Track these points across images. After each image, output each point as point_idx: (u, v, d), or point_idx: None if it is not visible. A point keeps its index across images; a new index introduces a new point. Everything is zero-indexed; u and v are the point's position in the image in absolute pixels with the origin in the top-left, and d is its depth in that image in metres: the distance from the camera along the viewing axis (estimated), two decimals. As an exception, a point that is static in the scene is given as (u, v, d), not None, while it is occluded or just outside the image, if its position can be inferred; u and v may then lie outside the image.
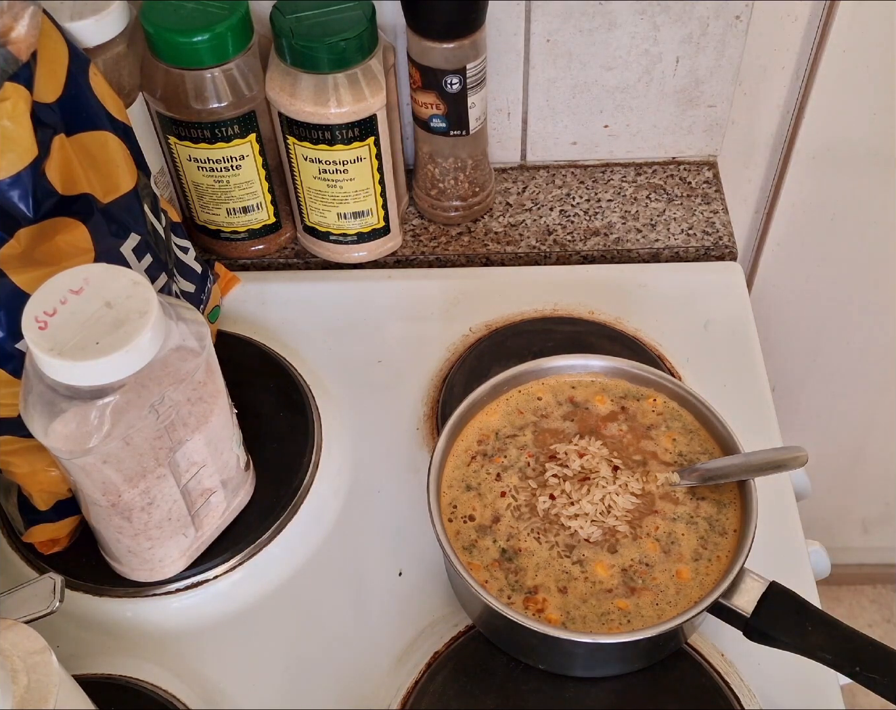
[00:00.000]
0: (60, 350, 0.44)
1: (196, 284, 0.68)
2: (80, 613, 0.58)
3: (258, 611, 0.59)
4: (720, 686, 0.54)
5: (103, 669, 0.56)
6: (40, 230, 0.52)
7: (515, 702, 0.54)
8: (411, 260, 0.80)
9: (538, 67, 0.78)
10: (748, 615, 0.50)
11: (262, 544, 0.61)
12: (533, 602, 0.52)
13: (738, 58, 0.76)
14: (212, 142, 0.70)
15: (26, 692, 0.40)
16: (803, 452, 0.54)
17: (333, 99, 0.67)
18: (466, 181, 0.78)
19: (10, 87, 0.49)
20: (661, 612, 0.51)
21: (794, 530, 0.62)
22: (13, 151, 0.50)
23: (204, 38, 0.65)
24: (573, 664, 0.55)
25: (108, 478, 0.50)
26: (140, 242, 0.58)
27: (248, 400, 0.64)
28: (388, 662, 0.57)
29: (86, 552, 0.60)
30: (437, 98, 0.72)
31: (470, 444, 0.59)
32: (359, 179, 0.72)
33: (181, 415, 0.52)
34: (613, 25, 0.74)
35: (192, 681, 0.56)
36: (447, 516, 0.56)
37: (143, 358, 0.46)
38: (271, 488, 0.63)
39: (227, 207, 0.75)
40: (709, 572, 0.53)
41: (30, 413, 0.48)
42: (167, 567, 0.58)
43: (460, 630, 0.57)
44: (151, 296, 0.47)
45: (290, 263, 0.80)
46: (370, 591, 0.60)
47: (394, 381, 0.71)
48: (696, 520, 0.55)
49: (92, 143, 0.55)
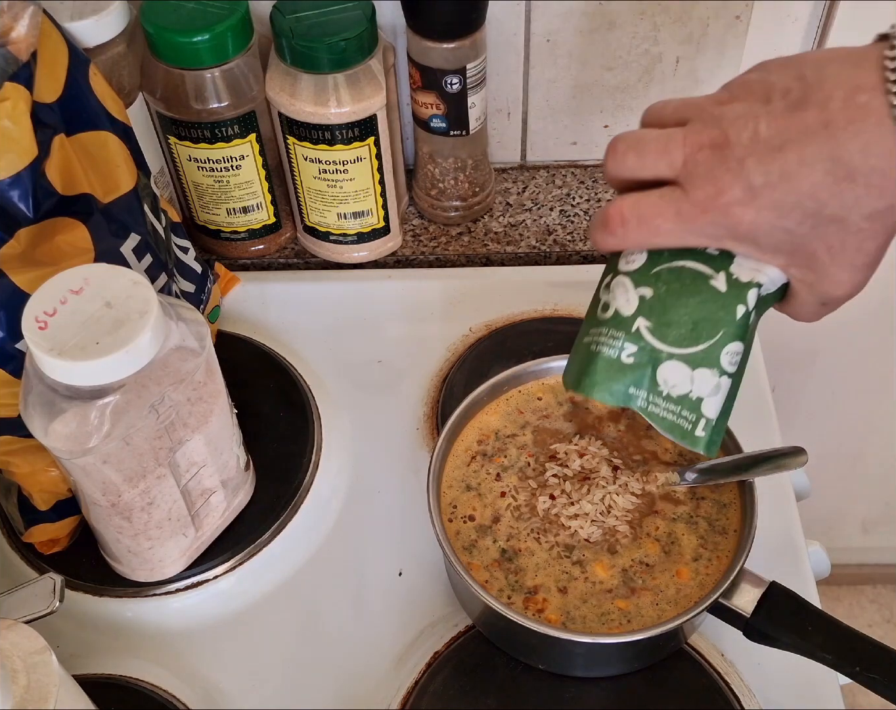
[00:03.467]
0: (60, 350, 0.44)
1: (196, 284, 0.68)
2: (80, 613, 0.58)
3: (258, 611, 0.59)
4: (720, 686, 0.54)
5: (103, 669, 0.56)
6: (40, 230, 0.52)
7: (515, 702, 0.54)
8: (411, 260, 0.80)
9: (538, 67, 0.78)
10: (748, 615, 0.50)
11: (262, 544, 0.61)
12: (533, 602, 0.52)
13: (738, 58, 0.76)
14: (212, 142, 0.70)
15: (26, 692, 0.40)
16: (803, 452, 0.54)
17: (333, 99, 0.67)
18: (466, 181, 0.78)
19: (10, 87, 0.49)
20: (661, 612, 0.51)
21: (794, 530, 0.62)
22: (13, 151, 0.50)
23: (204, 38, 0.65)
24: (573, 664, 0.55)
25: (108, 478, 0.50)
26: (140, 242, 0.58)
27: (248, 400, 0.64)
28: (388, 662, 0.57)
29: (86, 552, 0.60)
30: (437, 98, 0.72)
31: (470, 444, 0.59)
32: (359, 179, 0.72)
33: (181, 415, 0.52)
34: (613, 25, 0.74)
35: (192, 681, 0.56)
36: (447, 516, 0.56)
37: (143, 358, 0.46)
38: (271, 488, 0.63)
39: (227, 207, 0.75)
40: (709, 573, 0.53)
41: (30, 413, 0.48)
42: (167, 567, 0.58)
43: (460, 630, 0.57)
44: (151, 296, 0.47)
45: (290, 263, 0.80)
46: (370, 591, 0.60)
47: (394, 381, 0.71)
48: (697, 520, 0.55)
49: (92, 143, 0.55)
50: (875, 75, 0.36)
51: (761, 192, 0.37)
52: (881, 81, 0.35)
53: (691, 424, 0.45)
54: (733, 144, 0.37)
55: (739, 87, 0.39)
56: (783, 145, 0.37)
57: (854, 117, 0.36)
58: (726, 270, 0.43)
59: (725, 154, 0.38)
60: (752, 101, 0.38)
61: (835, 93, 0.36)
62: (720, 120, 0.38)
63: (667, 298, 0.44)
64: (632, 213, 0.41)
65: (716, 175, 0.38)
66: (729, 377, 0.45)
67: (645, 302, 0.44)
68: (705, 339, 0.44)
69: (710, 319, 0.44)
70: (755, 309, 0.44)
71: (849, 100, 0.36)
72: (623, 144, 0.41)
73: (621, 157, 0.41)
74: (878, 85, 0.35)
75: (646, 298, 0.44)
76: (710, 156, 0.38)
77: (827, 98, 0.36)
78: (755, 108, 0.38)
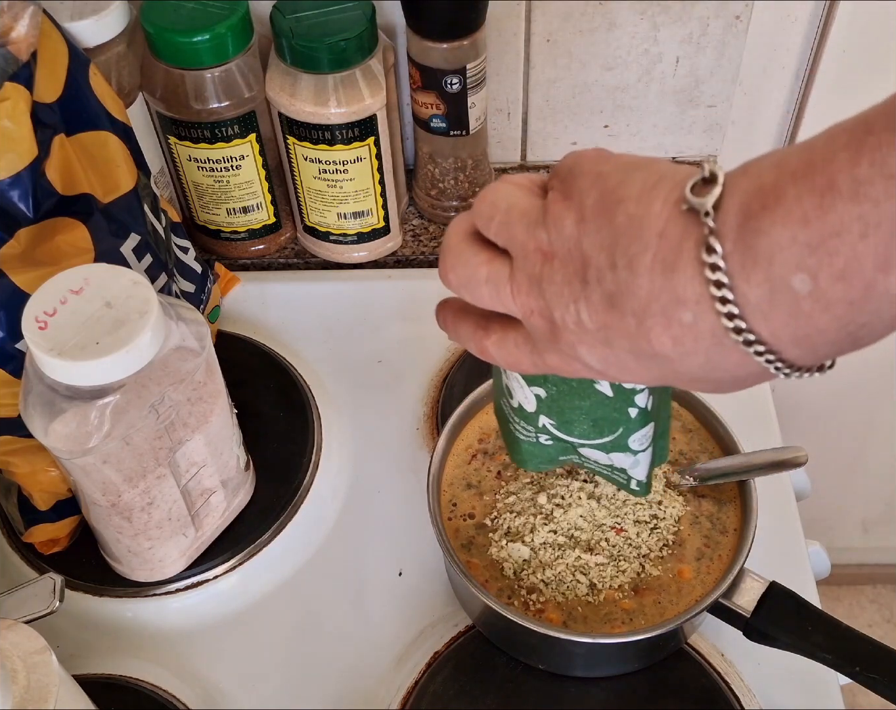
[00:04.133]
0: (60, 350, 0.44)
1: (196, 284, 0.68)
2: (80, 613, 0.58)
3: (258, 611, 0.59)
4: (720, 686, 0.54)
5: (103, 669, 0.56)
6: (40, 230, 0.52)
7: (515, 702, 0.54)
8: (411, 260, 0.80)
9: (538, 67, 0.78)
10: (748, 615, 0.50)
11: (262, 544, 0.61)
12: (533, 602, 0.52)
13: (738, 58, 0.76)
14: (212, 142, 0.70)
15: (26, 692, 0.40)
16: (803, 452, 0.54)
17: (333, 99, 0.67)
18: (466, 181, 0.78)
19: (10, 87, 0.49)
20: (662, 611, 0.51)
21: (794, 530, 0.62)
22: (13, 151, 0.50)
23: (204, 38, 0.65)
24: (573, 664, 0.55)
25: (108, 478, 0.50)
26: (140, 242, 0.58)
27: (248, 400, 0.64)
28: (388, 662, 0.57)
29: (86, 552, 0.60)
30: (437, 98, 0.72)
31: (471, 442, 0.59)
32: (359, 179, 0.72)
33: (181, 415, 0.52)
34: (613, 25, 0.74)
35: (192, 681, 0.56)
36: (447, 514, 0.56)
37: (143, 358, 0.46)
38: (271, 488, 0.63)
39: (227, 207, 0.75)
40: (710, 572, 0.53)
41: (30, 413, 0.48)
42: (167, 567, 0.58)
43: (460, 630, 0.57)
44: (151, 296, 0.47)
45: (290, 263, 0.80)
46: (370, 591, 0.60)
47: (394, 381, 0.71)
48: (700, 519, 0.55)
49: (92, 143, 0.55)
50: (696, 283, 0.29)
51: (604, 374, 0.35)
52: (705, 294, 0.29)
53: (625, 480, 0.48)
54: (559, 326, 0.34)
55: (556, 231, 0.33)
56: (610, 342, 0.33)
57: (681, 339, 0.30)
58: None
59: (556, 333, 0.34)
60: (569, 270, 0.33)
61: (651, 304, 0.30)
62: (542, 288, 0.34)
63: (560, 399, 0.43)
64: (498, 354, 0.38)
65: (557, 350, 0.35)
66: (646, 450, 0.45)
67: (542, 401, 0.44)
68: (608, 433, 0.44)
69: (607, 419, 0.43)
70: (650, 397, 0.43)
71: (669, 316, 0.30)
72: (454, 277, 0.37)
73: (456, 290, 0.38)
74: (701, 298, 0.29)
75: (541, 397, 0.43)
76: (544, 327, 0.34)
77: (643, 310, 0.31)
78: (574, 287, 0.33)
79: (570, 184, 0.34)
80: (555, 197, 0.34)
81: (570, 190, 0.34)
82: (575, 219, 0.33)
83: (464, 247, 0.37)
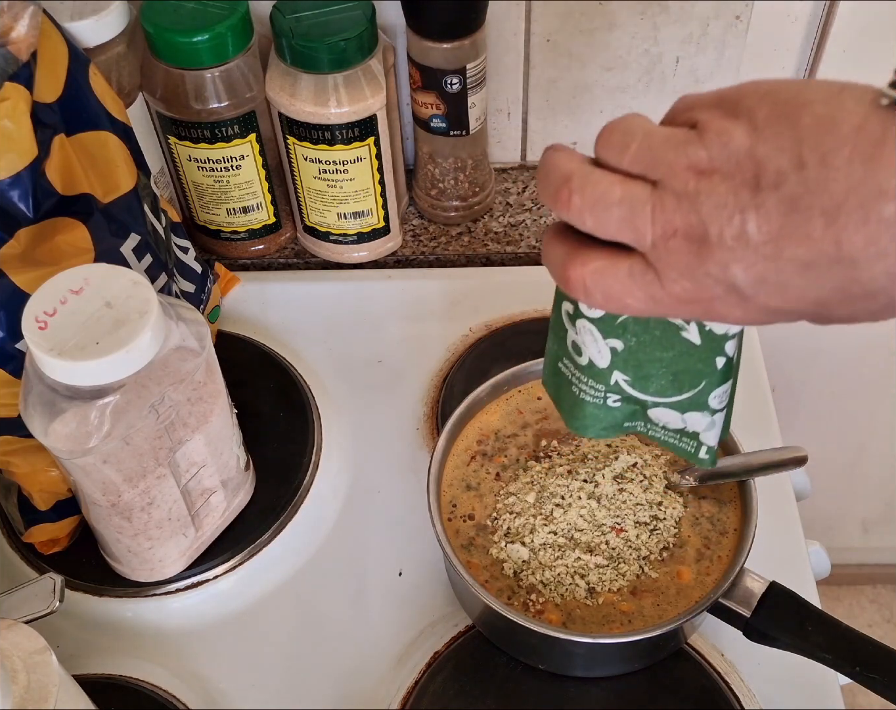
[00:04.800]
0: (60, 350, 0.44)
1: (196, 284, 0.68)
2: (80, 613, 0.58)
3: (258, 611, 0.59)
4: (720, 686, 0.54)
5: (103, 669, 0.56)
6: (40, 230, 0.52)
7: (515, 702, 0.54)
8: (411, 260, 0.80)
9: (538, 67, 0.78)
10: (748, 615, 0.50)
11: (262, 544, 0.61)
12: (533, 602, 0.52)
13: (738, 58, 0.76)
14: (212, 142, 0.70)
15: (26, 692, 0.40)
16: (803, 452, 0.54)
17: (333, 99, 0.67)
18: (466, 181, 0.78)
19: (10, 87, 0.49)
20: (662, 612, 0.51)
21: (794, 530, 0.62)
22: (13, 151, 0.50)
23: (204, 38, 0.65)
24: (573, 664, 0.55)
25: (108, 478, 0.50)
26: (140, 242, 0.58)
27: (248, 400, 0.64)
28: (388, 662, 0.57)
29: (86, 552, 0.60)
30: (437, 98, 0.72)
31: (470, 443, 0.59)
32: (359, 179, 0.72)
33: (181, 415, 0.52)
34: (613, 25, 0.74)
35: (192, 681, 0.56)
36: (447, 515, 0.56)
37: (143, 358, 0.46)
38: (271, 488, 0.63)
39: (227, 207, 0.75)
40: (709, 572, 0.53)
41: (30, 413, 0.48)
42: (167, 567, 0.58)
43: (460, 630, 0.57)
44: (151, 296, 0.47)
45: (290, 263, 0.80)
46: (370, 591, 0.60)
47: (394, 381, 0.71)
48: (700, 520, 0.55)
49: (92, 143, 0.55)
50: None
51: (752, 298, 0.32)
52: None
53: (694, 448, 0.45)
54: (713, 243, 0.31)
55: (719, 145, 0.31)
56: (779, 255, 0.30)
57: (876, 237, 0.29)
58: (698, 322, 0.39)
59: (704, 253, 0.31)
60: (736, 181, 0.31)
61: (849, 199, 0.29)
62: (696, 203, 0.31)
63: (639, 351, 0.41)
64: (596, 286, 0.35)
65: (695, 275, 0.32)
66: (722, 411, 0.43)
67: (618, 355, 0.41)
68: (688, 388, 0.42)
69: (690, 372, 0.41)
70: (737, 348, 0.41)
71: (867, 211, 0.29)
72: (578, 199, 0.34)
73: (577, 214, 0.34)
74: None
75: (617, 350, 0.41)
76: (686, 249, 0.32)
77: (836, 207, 0.29)
78: (741, 196, 0.31)
79: (733, 105, 0.32)
80: (713, 116, 0.32)
81: (734, 108, 0.32)
82: (746, 130, 0.31)
83: (590, 169, 0.34)
